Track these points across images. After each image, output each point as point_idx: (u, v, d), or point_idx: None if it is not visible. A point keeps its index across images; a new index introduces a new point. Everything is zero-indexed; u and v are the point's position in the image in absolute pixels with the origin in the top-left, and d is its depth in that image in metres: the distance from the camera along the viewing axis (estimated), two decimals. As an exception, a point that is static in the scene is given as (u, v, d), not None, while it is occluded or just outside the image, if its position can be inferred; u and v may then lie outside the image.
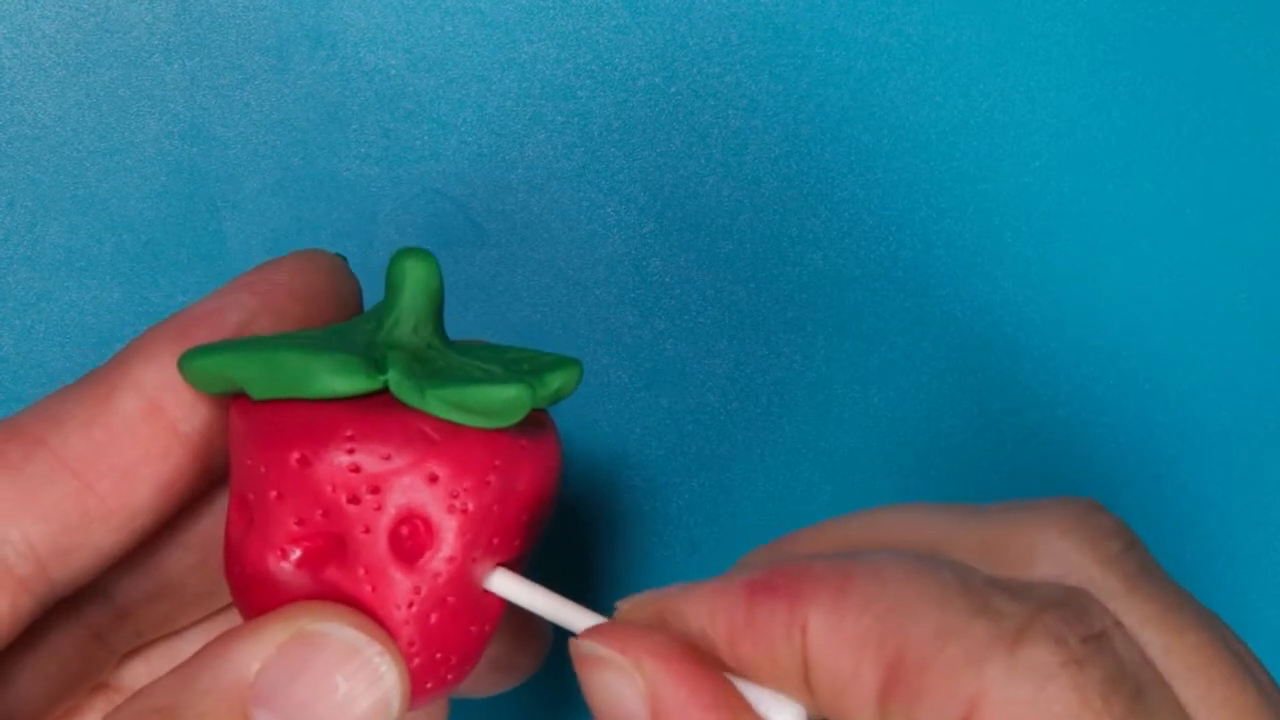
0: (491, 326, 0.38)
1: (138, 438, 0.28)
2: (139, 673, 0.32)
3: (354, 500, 0.27)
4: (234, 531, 0.28)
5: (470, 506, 0.27)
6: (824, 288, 0.39)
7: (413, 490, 0.27)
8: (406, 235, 0.38)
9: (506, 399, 0.27)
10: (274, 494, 0.27)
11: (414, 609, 0.27)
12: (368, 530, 0.27)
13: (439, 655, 0.28)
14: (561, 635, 0.38)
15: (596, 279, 0.38)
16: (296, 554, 0.27)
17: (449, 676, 0.28)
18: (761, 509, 0.39)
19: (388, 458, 0.27)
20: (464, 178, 0.38)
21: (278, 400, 0.27)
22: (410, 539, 0.27)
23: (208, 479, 0.29)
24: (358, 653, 0.26)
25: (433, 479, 0.27)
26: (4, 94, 0.37)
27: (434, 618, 0.27)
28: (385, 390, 0.27)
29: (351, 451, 0.27)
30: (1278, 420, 0.40)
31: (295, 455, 0.27)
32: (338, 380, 0.27)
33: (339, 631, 0.26)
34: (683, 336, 0.39)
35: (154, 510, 0.29)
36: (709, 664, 0.26)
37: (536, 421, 0.28)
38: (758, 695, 0.26)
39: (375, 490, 0.27)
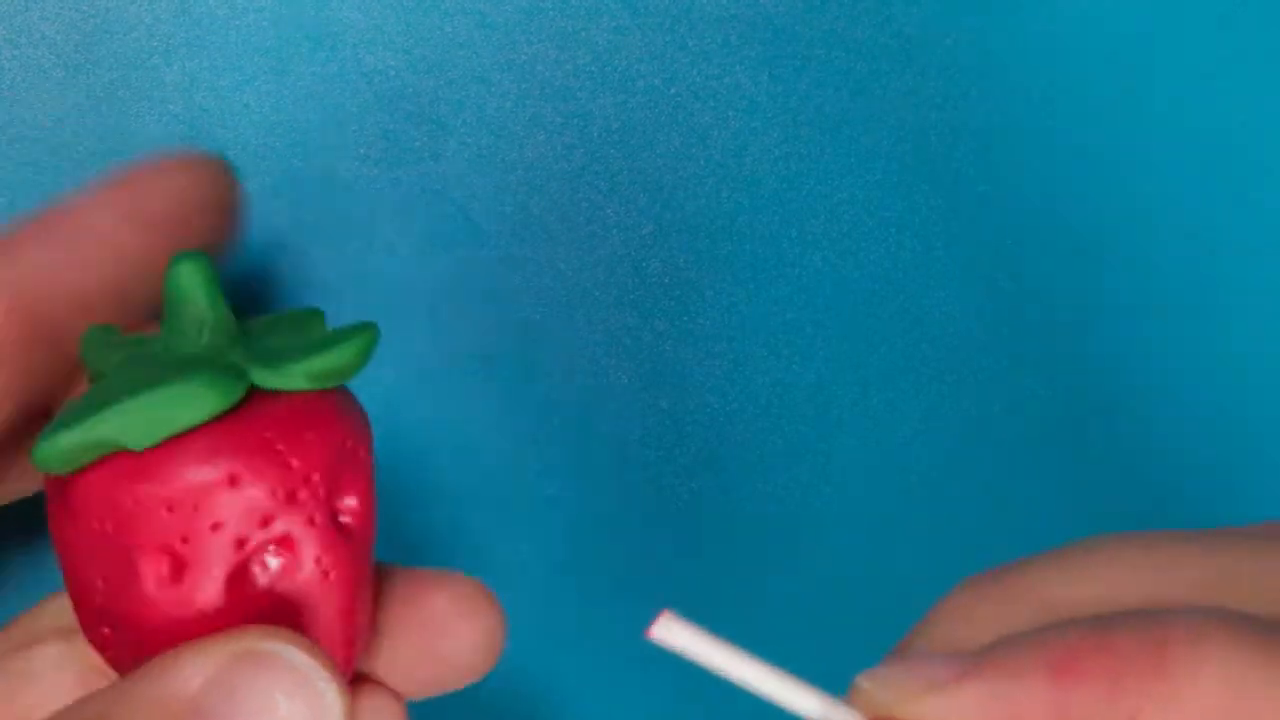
0: (491, 327, 0.38)
1: None
2: None
3: (292, 499, 0.27)
4: (147, 587, 0.27)
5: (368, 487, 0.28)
6: (823, 289, 0.39)
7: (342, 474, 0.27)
8: (406, 236, 0.38)
9: (358, 350, 0.27)
10: (210, 524, 0.26)
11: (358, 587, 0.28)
12: (311, 521, 0.27)
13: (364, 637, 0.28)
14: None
15: (596, 280, 0.38)
16: (259, 571, 0.27)
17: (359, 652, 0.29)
18: (762, 510, 0.39)
19: (300, 453, 0.27)
20: (463, 179, 0.38)
21: (145, 450, 0.27)
22: (346, 524, 0.28)
23: (69, 366, 0.29)
24: (304, 676, 0.26)
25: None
26: (3, 95, 0.37)
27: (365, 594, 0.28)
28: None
29: (280, 451, 0.27)
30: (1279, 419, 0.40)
31: (222, 477, 0.26)
32: (220, 397, 0.26)
33: (288, 653, 0.26)
34: (682, 338, 0.39)
35: (13, 397, 0.28)
36: None
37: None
38: None
39: (310, 480, 0.27)
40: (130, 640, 0.27)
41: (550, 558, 0.39)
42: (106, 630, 0.27)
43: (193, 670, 0.26)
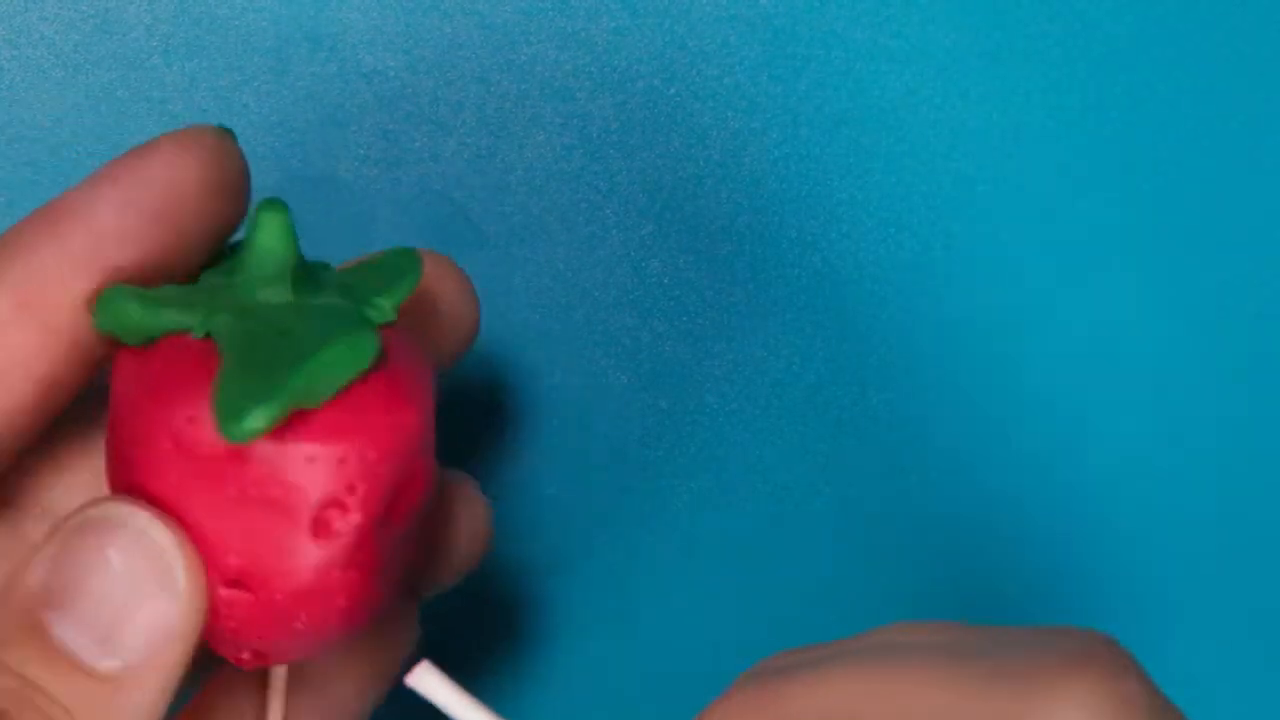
0: (491, 328, 0.38)
1: (8, 336, 0.27)
2: None
3: (428, 437, 0.28)
4: (301, 540, 0.27)
5: None
6: (822, 289, 0.39)
7: None
8: (405, 237, 0.38)
9: (419, 276, 0.29)
10: (380, 470, 0.27)
11: None
12: (430, 461, 0.28)
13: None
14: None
15: (595, 281, 0.38)
16: (401, 512, 0.28)
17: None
18: (761, 511, 0.39)
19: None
20: (463, 179, 0.38)
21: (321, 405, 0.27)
22: None
23: (89, 375, 0.29)
24: (136, 530, 0.26)
25: None
26: (3, 96, 0.37)
27: None
28: None
29: (422, 395, 0.28)
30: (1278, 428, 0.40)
31: (394, 421, 0.27)
32: (376, 344, 0.27)
33: (118, 513, 0.26)
34: (681, 338, 0.39)
35: (37, 408, 0.28)
36: None
37: None
38: None
39: (431, 420, 0.28)
40: (268, 595, 0.27)
41: (549, 557, 0.39)
42: (228, 591, 0.27)
43: (39, 560, 0.26)
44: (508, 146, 0.38)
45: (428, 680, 0.27)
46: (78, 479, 0.31)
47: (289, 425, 0.27)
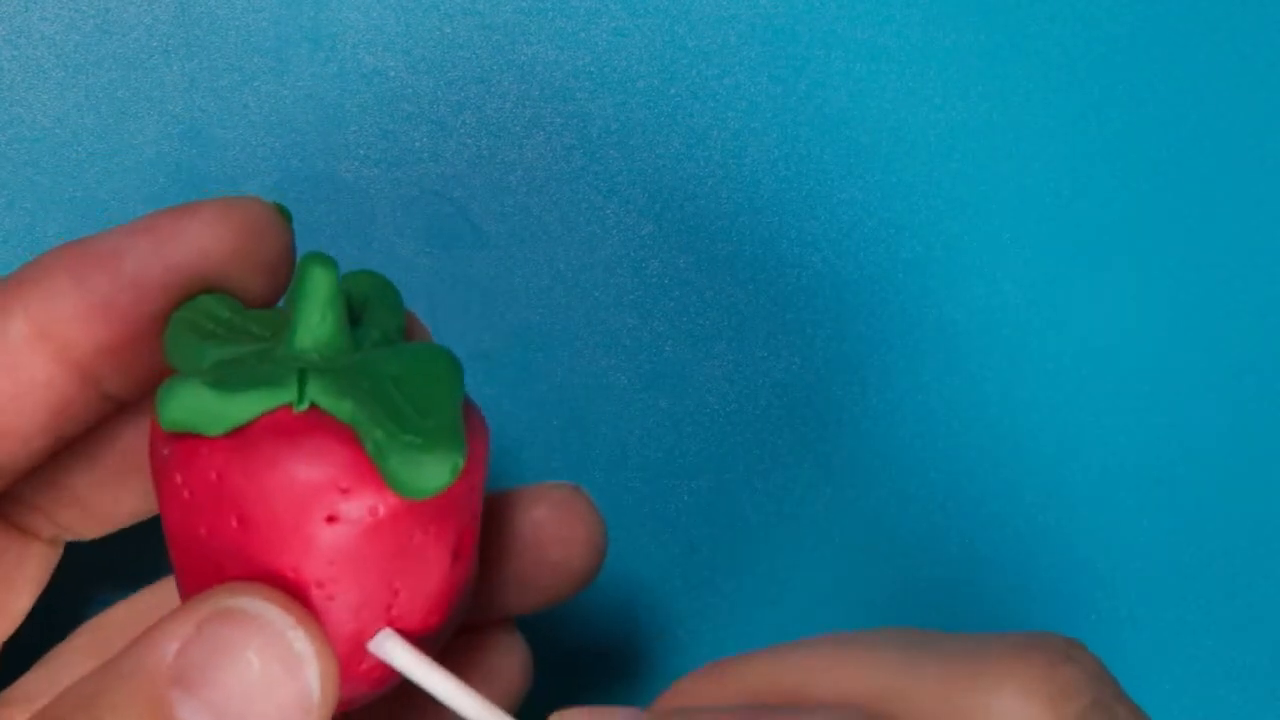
0: (491, 328, 0.38)
1: (23, 365, 0.28)
2: None
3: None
4: (443, 570, 0.27)
5: None
6: (823, 290, 0.39)
7: None
8: (405, 237, 0.38)
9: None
10: (476, 516, 0.28)
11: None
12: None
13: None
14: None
15: (595, 281, 0.39)
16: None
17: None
18: (760, 511, 0.39)
19: None
20: (463, 180, 0.38)
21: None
22: None
23: (102, 404, 0.29)
24: (272, 629, 0.25)
25: None
26: (3, 95, 0.37)
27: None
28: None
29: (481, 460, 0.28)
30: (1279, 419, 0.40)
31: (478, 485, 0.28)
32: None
33: (254, 607, 0.25)
34: (682, 338, 0.39)
35: (48, 433, 0.28)
36: None
37: None
38: None
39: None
40: (420, 612, 0.28)
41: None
42: (363, 662, 0.28)
43: (171, 636, 0.25)
44: (508, 146, 0.38)
45: (389, 646, 0.27)
46: (79, 489, 0.31)
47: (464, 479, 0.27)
